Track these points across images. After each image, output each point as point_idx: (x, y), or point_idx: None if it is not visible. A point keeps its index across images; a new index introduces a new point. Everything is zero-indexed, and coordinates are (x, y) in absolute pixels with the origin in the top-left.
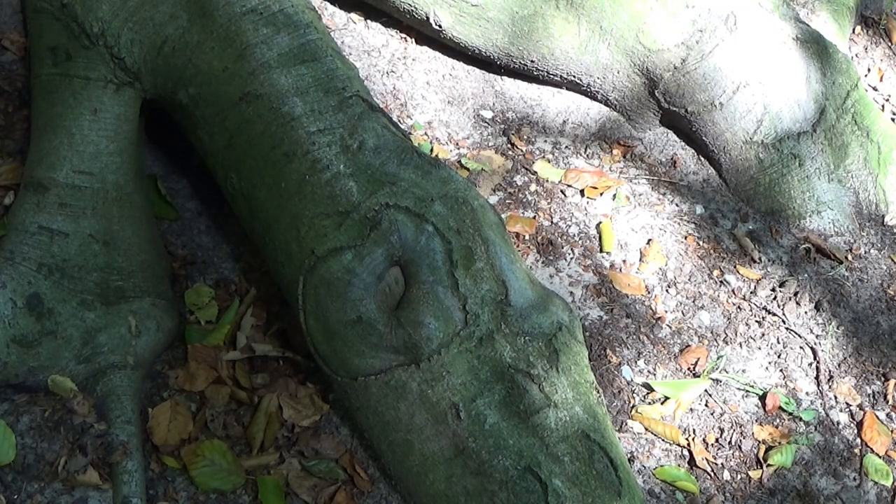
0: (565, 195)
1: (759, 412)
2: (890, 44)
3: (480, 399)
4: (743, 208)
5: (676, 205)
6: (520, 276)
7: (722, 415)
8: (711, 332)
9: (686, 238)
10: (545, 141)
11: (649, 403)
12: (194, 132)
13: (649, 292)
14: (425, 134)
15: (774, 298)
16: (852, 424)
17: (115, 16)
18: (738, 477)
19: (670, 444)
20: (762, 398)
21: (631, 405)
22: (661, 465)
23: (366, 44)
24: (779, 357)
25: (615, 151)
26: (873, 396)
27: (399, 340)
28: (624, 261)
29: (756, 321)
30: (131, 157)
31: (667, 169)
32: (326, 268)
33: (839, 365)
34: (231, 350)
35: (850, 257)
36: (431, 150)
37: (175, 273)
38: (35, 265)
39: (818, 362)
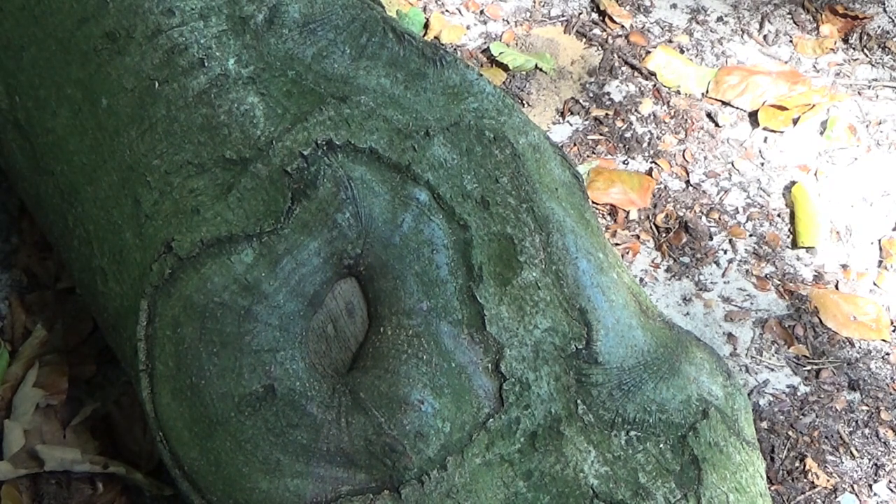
0: (716, 123)
1: None
2: None
3: None
4: None
5: None
6: (617, 298)
7: None
8: None
9: None
10: (672, 5)
11: None
12: None
13: None
14: None
15: None
16: None
17: None
18: None
19: None
20: None
21: None
22: None
23: None
24: None
25: (826, 28)
26: None
27: (357, 440)
28: (845, 266)
29: None
30: None
31: None
32: (199, 281)
33: None
34: None
35: None
36: (426, 24)
37: None
38: None
39: None
